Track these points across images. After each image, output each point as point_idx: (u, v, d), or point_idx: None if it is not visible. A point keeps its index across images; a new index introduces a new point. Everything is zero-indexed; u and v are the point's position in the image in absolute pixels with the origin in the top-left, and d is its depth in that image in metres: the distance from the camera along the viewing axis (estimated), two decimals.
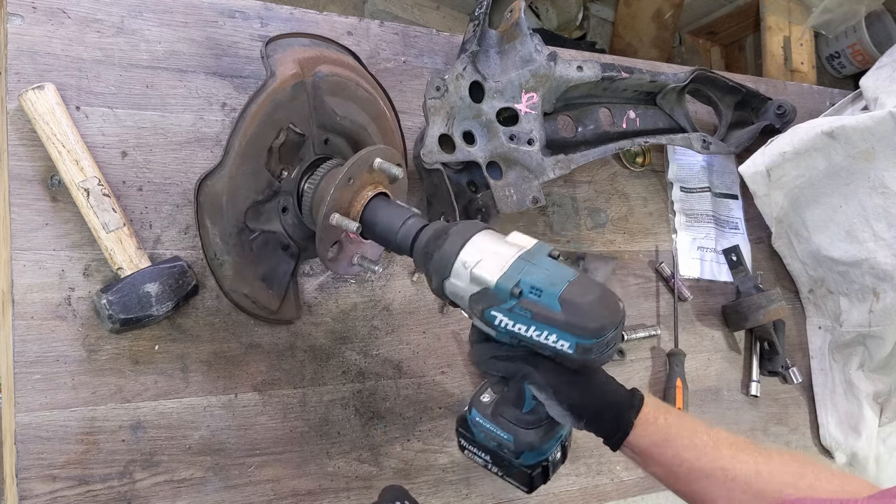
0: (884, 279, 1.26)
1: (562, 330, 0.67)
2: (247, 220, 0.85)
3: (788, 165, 1.27)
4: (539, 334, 0.68)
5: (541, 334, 0.68)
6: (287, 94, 0.84)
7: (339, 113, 0.90)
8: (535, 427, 0.77)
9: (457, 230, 0.74)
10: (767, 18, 2.36)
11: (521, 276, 0.69)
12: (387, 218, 0.82)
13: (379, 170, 0.84)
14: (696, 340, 1.29)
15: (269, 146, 0.85)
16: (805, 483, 0.69)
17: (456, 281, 0.72)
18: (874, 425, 1.35)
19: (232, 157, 0.82)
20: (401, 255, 0.82)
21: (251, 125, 0.82)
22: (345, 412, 0.98)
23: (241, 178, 0.83)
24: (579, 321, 0.66)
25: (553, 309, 0.67)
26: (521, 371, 0.73)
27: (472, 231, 0.73)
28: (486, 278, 0.70)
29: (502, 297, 0.69)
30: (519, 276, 0.69)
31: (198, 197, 0.82)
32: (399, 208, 0.83)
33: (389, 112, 0.99)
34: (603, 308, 0.67)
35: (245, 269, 0.86)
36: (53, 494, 0.80)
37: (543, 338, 0.68)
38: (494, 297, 0.69)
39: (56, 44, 0.87)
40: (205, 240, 0.84)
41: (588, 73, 1.09)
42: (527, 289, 0.68)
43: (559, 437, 0.80)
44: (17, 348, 0.80)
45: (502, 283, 0.69)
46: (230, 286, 0.87)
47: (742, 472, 0.71)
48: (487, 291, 0.70)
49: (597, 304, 0.67)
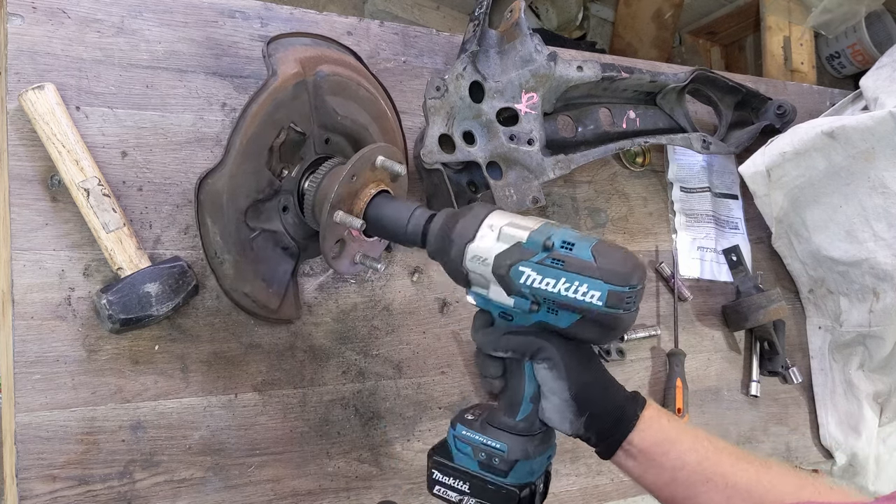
0: (884, 279, 1.25)
1: (594, 278, 0.67)
2: (247, 219, 0.85)
3: (788, 165, 1.27)
4: (569, 287, 0.68)
5: (570, 286, 0.68)
6: (288, 94, 0.84)
7: (340, 112, 0.90)
8: (528, 435, 0.75)
9: (476, 206, 0.75)
10: (767, 18, 2.36)
11: (552, 232, 0.70)
12: (393, 211, 0.82)
13: (381, 167, 0.84)
14: (696, 340, 1.29)
15: (269, 145, 0.85)
16: (806, 494, 0.68)
17: (481, 243, 0.72)
18: (874, 425, 1.35)
19: (233, 156, 0.82)
20: (409, 246, 0.82)
21: (252, 124, 0.82)
22: (345, 412, 0.98)
23: (242, 176, 0.83)
24: (613, 266, 0.67)
25: (586, 258, 0.68)
26: (535, 345, 0.72)
27: (491, 207, 0.75)
28: (517, 234, 0.70)
29: (533, 251, 0.69)
30: (550, 231, 0.70)
31: (198, 195, 0.82)
32: (404, 202, 0.84)
33: (391, 112, 0.99)
34: (632, 259, 0.69)
35: (245, 268, 0.86)
36: (53, 494, 0.80)
37: (573, 291, 0.68)
38: (525, 251, 0.70)
39: (56, 44, 0.87)
40: (205, 238, 0.84)
41: (588, 73, 1.09)
42: (559, 242, 0.69)
43: (549, 453, 0.78)
44: (17, 348, 0.80)
45: (534, 236, 0.70)
46: (230, 285, 0.87)
47: (743, 479, 0.70)
48: (518, 246, 0.70)
49: (628, 255, 0.69)
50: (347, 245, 0.88)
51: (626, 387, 0.77)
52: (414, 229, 0.79)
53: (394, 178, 0.87)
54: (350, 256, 0.89)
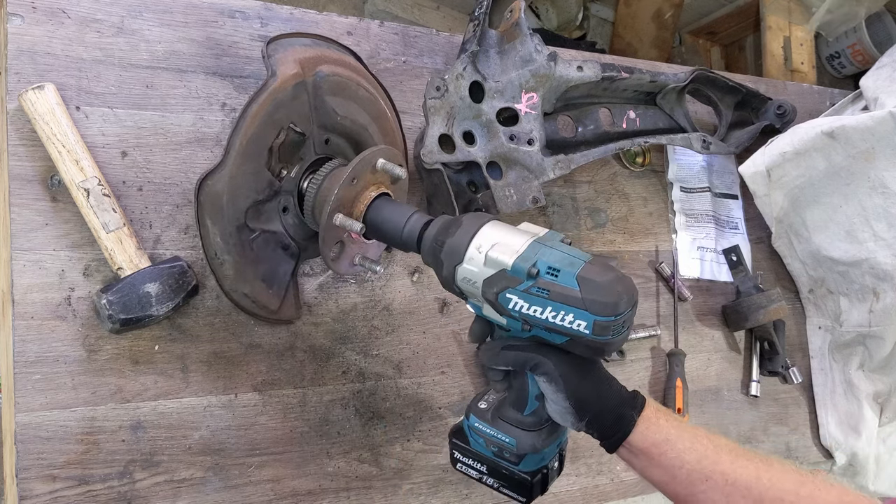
0: (884, 279, 1.25)
1: (579, 308, 0.66)
2: (247, 219, 0.85)
3: (788, 165, 1.27)
4: (555, 315, 0.68)
5: (557, 315, 0.68)
6: (288, 94, 0.84)
7: (339, 112, 0.90)
8: (536, 430, 0.77)
9: (468, 219, 0.74)
10: (767, 18, 2.36)
11: (538, 257, 0.69)
12: (391, 215, 0.82)
13: (382, 170, 0.84)
14: (696, 340, 1.29)
15: (269, 146, 0.85)
16: (805, 491, 0.69)
17: (469, 266, 0.72)
18: (874, 425, 1.35)
19: (232, 157, 0.82)
20: (406, 251, 0.82)
21: (252, 125, 0.82)
22: (345, 412, 0.98)
23: (242, 177, 0.83)
24: (597, 297, 0.66)
25: (571, 287, 0.67)
26: (532, 360, 0.73)
27: (483, 220, 0.74)
28: (502, 259, 0.69)
29: (519, 278, 0.69)
30: (535, 257, 0.69)
31: (198, 196, 0.82)
32: (402, 206, 0.84)
33: (391, 112, 0.99)
34: (619, 285, 0.67)
35: (245, 269, 0.86)
36: (53, 494, 0.80)
37: (559, 319, 0.67)
38: (511, 278, 0.69)
39: (56, 44, 0.87)
40: (205, 239, 0.84)
41: (588, 73, 1.09)
42: (544, 269, 0.68)
43: (559, 441, 0.80)
44: (17, 348, 0.80)
45: (519, 263, 0.69)
46: (230, 286, 0.87)
47: (742, 476, 0.70)
48: (503, 273, 0.69)
49: (614, 282, 0.67)
50: (347, 247, 0.88)
51: (627, 386, 0.77)
52: (409, 236, 0.79)
53: (394, 181, 0.87)
54: (349, 258, 0.89)
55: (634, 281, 1.24)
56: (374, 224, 0.83)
